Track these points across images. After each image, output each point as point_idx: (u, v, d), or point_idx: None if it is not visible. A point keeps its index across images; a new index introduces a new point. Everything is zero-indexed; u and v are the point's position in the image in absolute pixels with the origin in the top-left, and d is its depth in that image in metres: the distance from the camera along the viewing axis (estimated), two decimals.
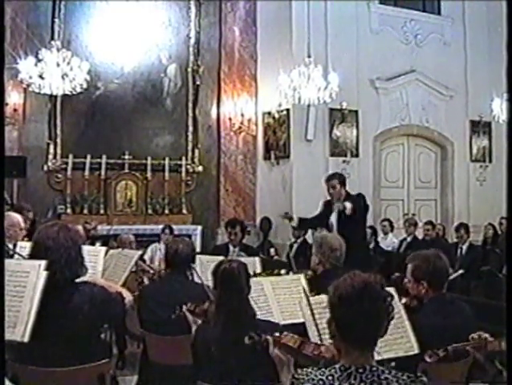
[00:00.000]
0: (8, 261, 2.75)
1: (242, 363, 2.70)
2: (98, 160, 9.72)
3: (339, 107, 10.03)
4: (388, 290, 1.99)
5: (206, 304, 3.20)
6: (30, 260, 2.80)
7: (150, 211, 10.04)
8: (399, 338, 2.90)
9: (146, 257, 7.75)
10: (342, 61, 9.57)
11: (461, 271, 8.32)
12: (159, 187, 10.16)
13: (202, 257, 4.61)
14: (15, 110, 9.16)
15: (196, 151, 10.61)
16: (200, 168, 10.64)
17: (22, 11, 9.26)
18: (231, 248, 6.01)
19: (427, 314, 3.13)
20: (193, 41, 10.61)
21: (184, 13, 10.57)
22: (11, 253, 3.59)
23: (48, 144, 9.69)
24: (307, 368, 1.97)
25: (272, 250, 9.65)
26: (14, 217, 4.46)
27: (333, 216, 5.96)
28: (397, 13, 10.90)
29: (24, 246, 3.76)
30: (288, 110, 9.97)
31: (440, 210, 11.41)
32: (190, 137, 10.59)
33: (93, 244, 6.26)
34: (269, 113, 10.51)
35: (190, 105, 10.59)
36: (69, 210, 9.57)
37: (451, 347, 2.54)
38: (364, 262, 5.21)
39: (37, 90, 8.01)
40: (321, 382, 1.90)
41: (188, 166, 10.45)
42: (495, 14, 10.20)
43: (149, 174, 10.05)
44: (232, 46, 10.80)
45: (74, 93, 8.17)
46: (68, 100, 9.30)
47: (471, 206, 11.17)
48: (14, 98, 9.09)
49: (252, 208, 10.88)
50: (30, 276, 2.65)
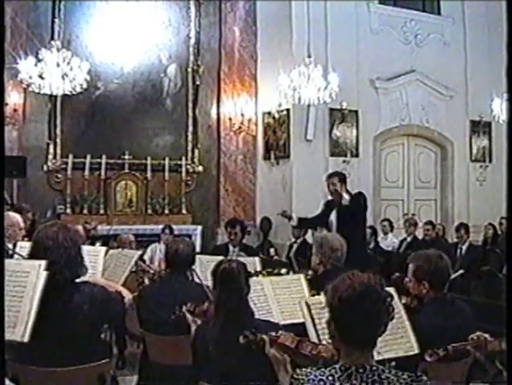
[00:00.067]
0: (8, 261, 2.74)
1: (241, 363, 2.69)
2: (98, 160, 9.71)
3: (339, 107, 10.02)
4: (388, 291, 1.98)
5: (206, 304, 3.20)
6: (30, 260, 2.80)
7: (150, 211, 10.03)
8: (399, 338, 2.90)
9: (146, 257, 7.74)
10: (342, 61, 9.58)
11: (461, 271, 8.30)
12: (159, 187, 10.15)
13: (202, 257, 4.59)
14: (15, 110, 9.15)
15: (196, 151, 10.61)
16: (200, 168, 10.64)
17: (22, 11, 9.26)
18: (231, 248, 6.02)
19: (428, 314, 3.13)
20: (193, 41, 10.61)
21: (184, 13, 10.57)
22: (11, 253, 3.59)
23: (48, 144, 9.69)
24: (306, 368, 1.96)
25: (272, 250, 9.64)
26: (14, 217, 4.46)
27: (333, 214, 5.96)
28: (397, 13, 10.89)
29: (24, 246, 3.75)
30: (288, 110, 9.97)
31: (440, 210, 11.40)
32: (190, 137, 10.58)
33: (93, 244, 6.27)
34: (269, 113, 10.50)
35: (190, 105, 10.58)
36: (69, 210, 9.56)
37: (451, 347, 2.54)
38: (364, 262, 5.21)
39: (37, 90, 7.99)
40: (321, 382, 1.89)
41: (188, 166, 10.45)
42: (495, 14, 10.19)
43: (149, 174, 10.04)
44: (232, 46, 10.79)
45: (74, 93, 8.16)
46: (68, 100, 9.29)
47: (471, 206, 11.17)
48: (14, 98, 9.07)
49: (252, 208, 10.88)
50: (30, 276, 2.64)
